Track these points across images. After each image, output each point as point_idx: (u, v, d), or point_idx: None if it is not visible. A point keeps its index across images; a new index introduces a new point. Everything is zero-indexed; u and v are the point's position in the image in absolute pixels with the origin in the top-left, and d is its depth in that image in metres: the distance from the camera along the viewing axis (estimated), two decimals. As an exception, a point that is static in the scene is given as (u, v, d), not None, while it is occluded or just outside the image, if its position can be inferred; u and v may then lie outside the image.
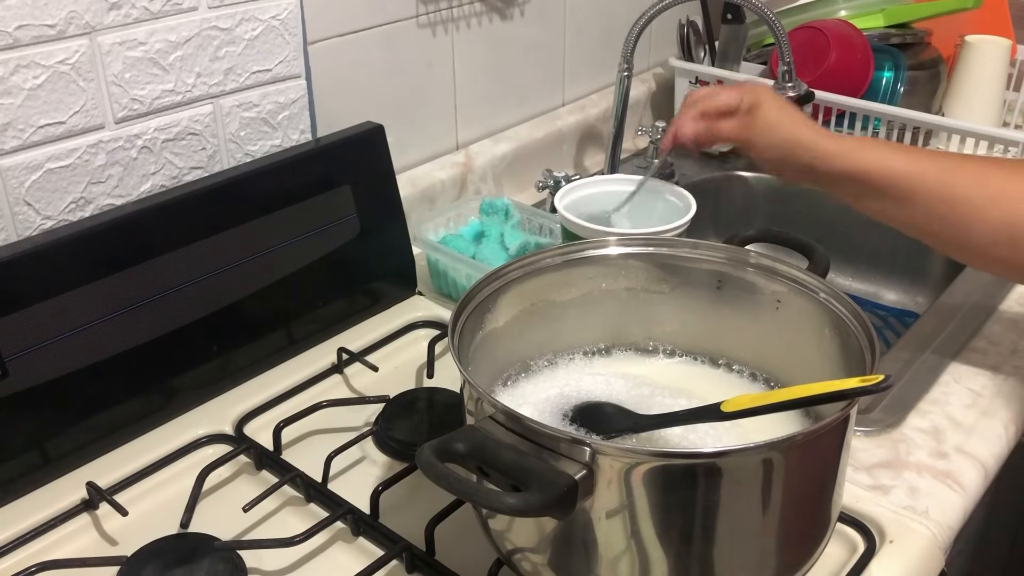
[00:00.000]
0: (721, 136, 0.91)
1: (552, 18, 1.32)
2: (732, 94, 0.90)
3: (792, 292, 0.73)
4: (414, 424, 0.84)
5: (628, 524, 0.57)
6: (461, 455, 0.57)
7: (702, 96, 0.92)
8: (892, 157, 0.83)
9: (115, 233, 0.81)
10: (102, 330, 0.79)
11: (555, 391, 0.75)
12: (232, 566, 0.70)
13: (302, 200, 0.93)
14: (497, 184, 1.27)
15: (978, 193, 0.80)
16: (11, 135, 0.78)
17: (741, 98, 0.89)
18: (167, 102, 0.87)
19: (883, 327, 1.26)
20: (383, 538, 0.73)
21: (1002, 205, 0.79)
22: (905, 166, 0.82)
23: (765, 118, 0.88)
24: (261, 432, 0.84)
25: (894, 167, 0.82)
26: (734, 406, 0.59)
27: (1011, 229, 0.79)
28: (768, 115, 0.88)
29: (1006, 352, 0.95)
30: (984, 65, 1.36)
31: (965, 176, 0.81)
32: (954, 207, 0.81)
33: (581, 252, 0.77)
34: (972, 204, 0.80)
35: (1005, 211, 0.79)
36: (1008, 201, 0.79)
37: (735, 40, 1.39)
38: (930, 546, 0.73)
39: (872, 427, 0.84)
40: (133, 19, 0.82)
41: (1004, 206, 0.79)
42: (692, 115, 0.91)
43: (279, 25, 0.94)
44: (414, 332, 0.99)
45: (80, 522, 0.76)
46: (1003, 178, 0.80)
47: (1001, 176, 0.80)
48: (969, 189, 0.80)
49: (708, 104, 0.91)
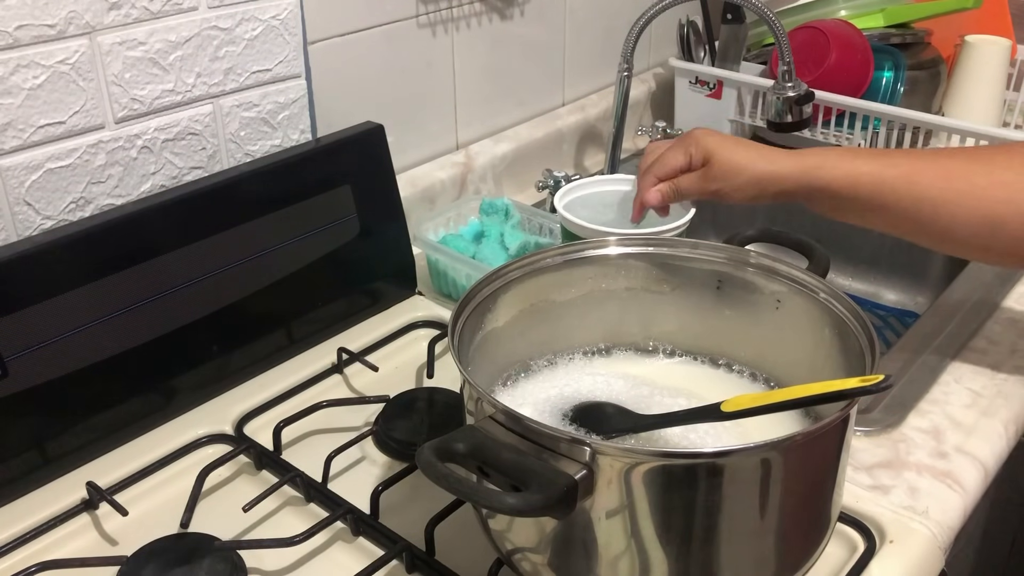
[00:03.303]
0: (685, 194, 0.90)
1: (552, 18, 1.32)
2: (678, 153, 0.88)
3: (792, 292, 0.73)
4: (414, 424, 0.84)
5: (628, 524, 0.57)
6: (461, 455, 0.57)
7: (651, 163, 0.91)
8: (857, 167, 0.82)
9: (115, 233, 0.81)
10: (102, 330, 0.79)
11: (555, 391, 0.75)
12: (232, 566, 0.70)
13: (302, 200, 0.93)
14: (497, 184, 1.27)
15: (946, 191, 0.80)
16: (11, 135, 0.78)
17: (689, 154, 0.88)
18: (167, 102, 0.87)
19: (883, 327, 1.26)
20: (383, 538, 0.73)
21: (973, 199, 0.79)
22: (870, 174, 0.81)
23: (722, 164, 0.86)
24: (261, 432, 0.84)
25: (859, 178, 0.81)
26: (734, 406, 0.59)
27: (986, 221, 0.79)
28: (723, 162, 0.86)
29: (1006, 352, 0.95)
30: (984, 65, 1.36)
31: (931, 176, 0.80)
32: (924, 208, 0.81)
33: (581, 252, 0.77)
34: (943, 203, 0.80)
35: (977, 204, 0.79)
36: (978, 195, 0.79)
37: (735, 40, 1.39)
38: (930, 546, 0.73)
39: (872, 427, 0.84)
40: (133, 19, 0.83)
41: (975, 200, 0.79)
42: (651, 181, 0.90)
43: (279, 25, 0.94)
44: (414, 332, 0.99)
45: (80, 522, 0.76)
46: (968, 171, 0.80)
47: (966, 170, 0.80)
48: (935, 189, 0.80)
49: (660, 170, 0.90)
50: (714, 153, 0.86)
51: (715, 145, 0.87)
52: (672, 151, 0.89)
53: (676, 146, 0.89)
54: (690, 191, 0.89)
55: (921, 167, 0.81)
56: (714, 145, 0.87)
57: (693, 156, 0.88)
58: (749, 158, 0.86)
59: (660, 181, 0.90)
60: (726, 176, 0.86)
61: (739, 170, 0.85)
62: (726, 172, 0.86)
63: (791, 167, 0.84)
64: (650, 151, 0.92)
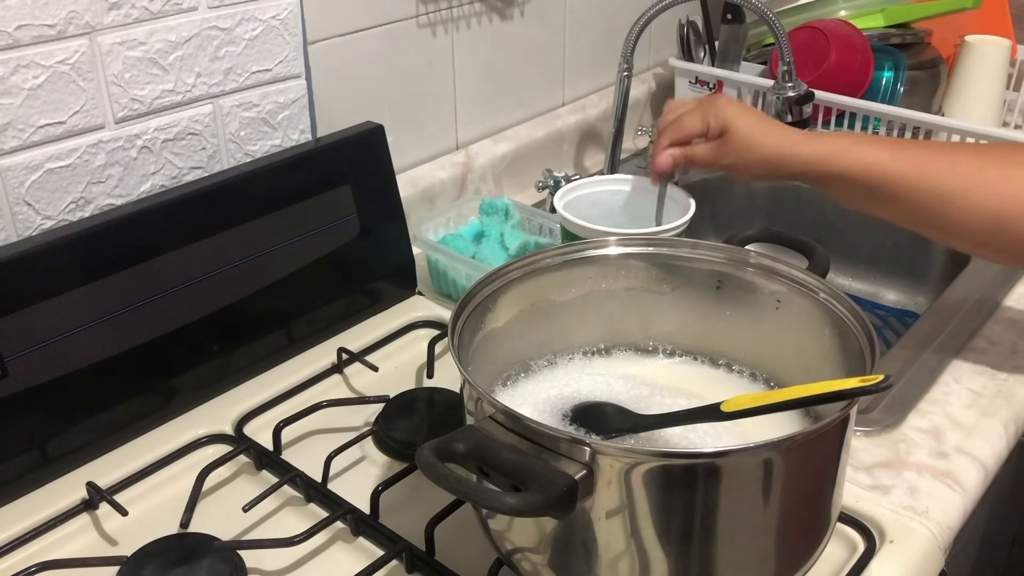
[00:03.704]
0: (697, 163, 0.89)
1: (552, 18, 1.32)
2: (695, 119, 0.88)
3: (792, 292, 0.73)
4: (414, 424, 0.84)
5: (628, 524, 0.57)
6: (461, 455, 0.57)
7: (668, 123, 0.90)
8: (872, 156, 0.82)
9: (115, 233, 0.81)
10: (102, 330, 0.79)
11: (555, 391, 0.75)
12: (232, 566, 0.70)
13: (302, 200, 0.93)
14: (497, 184, 1.27)
15: (957, 185, 0.80)
16: (11, 135, 0.78)
17: (707, 122, 0.87)
18: (167, 102, 0.87)
19: (883, 327, 1.26)
20: (383, 538, 0.73)
21: (983, 195, 0.80)
22: (882, 164, 0.82)
23: (739, 139, 0.85)
24: (261, 432, 0.84)
25: (872, 167, 0.82)
26: (734, 406, 0.59)
27: (994, 217, 0.79)
28: (742, 135, 0.85)
29: (1006, 352, 0.95)
30: (984, 65, 1.36)
31: (944, 169, 0.81)
32: (936, 200, 0.81)
33: (581, 252, 0.77)
34: (952, 196, 0.80)
35: (987, 201, 0.79)
36: (988, 190, 0.80)
37: (735, 40, 1.39)
38: (930, 546, 0.73)
39: (872, 427, 0.84)
40: (133, 19, 0.82)
41: (985, 196, 0.79)
42: (664, 145, 0.90)
43: (279, 25, 0.94)
44: (414, 332, 0.99)
45: (80, 522, 0.76)
46: (978, 166, 0.81)
47: (979, 164, 0.81)
48: (947, 182, 0.80)
49: (675, 134, 0.89)
50: (732, 125, 0.86)
51: (735, 117, 0.86)
52: (691, 115, 0.89)
53: (696, 110, 0.89)
54: (703, 160, 0.88)
55: (934, 159, 0.81)
56: (733, 116, 0.86)
57: (711, 124, 0.87)
58: (767, 137, 0.85)
59: (674, 144, 0.89)
60: (741, 152, 0.86)
61: (755, 147, 0.85)
62: (742, 147, 0.85)
63: (807, 152, 0.84)
64: (671, 108, 0.91)
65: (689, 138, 0.89)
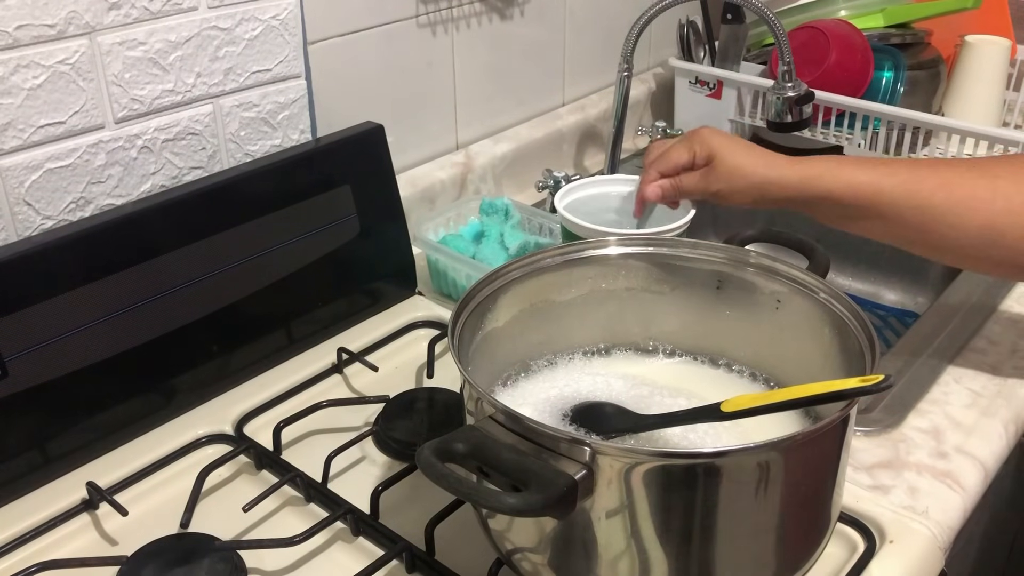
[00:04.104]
0: (685, 192, 0.90)
1: (552, 18, 1.32)
2: (682, 150, 0.89)
3: (792, 292, 0.73)
4: (414, 424, 0.84)
5: (628, 524, 0.57)
6: (461, 455, 0.57)
7: (655, 157, 0.91)
8: (858, 176, 0.82)
9: (115, 233, 0.81)
10: (102, 330, 0.79)
11: (555, 391, 0.75)
12: (232, 566, 0.70)
13: (302, 200, 0.93)
14: (497, 184, 1.27)
15: (947, 200, 0.80)
16: (11, 135, 0.78)
17: (693, 151, 0.88)
18: (167, 102, 0.87)
19: (883, 327, 1.26)
20: (383, 538, 0.73)
21: (973, 210, 0.79)
22: (870, 184, 0.81)
23: (726, 166, 0.86)
24: (261, 432, 0.84)
25: (859, 187, 0.81)
26: (734, 406, 0.59)
27: (986, 232, 0.79)
28: (728, 162, 0.86)
29: (1006, 352, 0.95)
30: (984, 65, 1.36)
31: (931, 186, 0.80)
32: (924, 217, 0.80)
33: (581, 252, 0.77)
34: (943, 213, 0.80)
35: (977, 215, 0.79)
36: (978, 205, 0.79)
37: (735, 40, 1.39)
38: (930, 546, 0.73)
39: (872, 427, 0.84)
40: (133, 19, 0.83)
41: (975, 211, 0.79)
42: (653, 177, 0.91)
43: (279, 25, 0.94)
44: (414, 332, 0.99)
45: (80, 522, 0.76)
46: (969, 182, 0.80)
47: (967, 179, 0.80)
48: (936, 199, 0.80)
49: (663, 165, 0.90)
50: (718, 154, 0.86)
51: (720, 146, 0.87)
52: (677, 147, 0.89)
53: (681, 142, 0.90)
54: (691, 190, 0.89)
55: (921, 176, 0.81)
56: (719, 146, 0.87)
57: (697, 154, 0.88)
58: (752, 163, 0.85)
59: (662, 177, 0.90)
60: (728, 179, 0.86)
61: (742, 174, 0.85)
62: (728, 175, 0.86)
63: (793, 175, 0.84)
64: (655, 147, 0.92)
65: (677, 170, 0.89)
